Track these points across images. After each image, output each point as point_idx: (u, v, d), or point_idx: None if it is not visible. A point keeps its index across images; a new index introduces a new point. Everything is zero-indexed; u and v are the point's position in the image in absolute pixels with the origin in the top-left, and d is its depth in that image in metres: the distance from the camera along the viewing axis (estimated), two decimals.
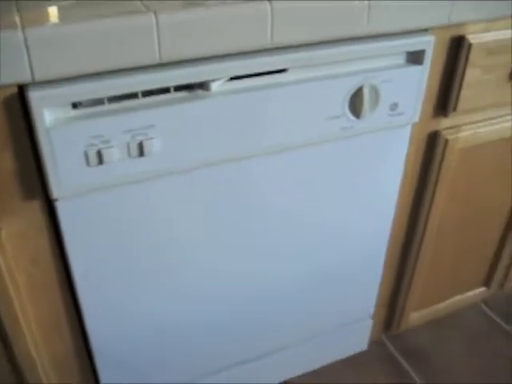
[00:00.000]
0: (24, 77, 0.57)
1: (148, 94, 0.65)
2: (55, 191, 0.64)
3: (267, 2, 0.64)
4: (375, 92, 0.77)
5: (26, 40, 0.55)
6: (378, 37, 0.75)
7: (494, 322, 1.34)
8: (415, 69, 0.79)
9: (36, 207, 0.67)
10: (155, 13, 0.59)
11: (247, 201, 0.80)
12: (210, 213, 0.78)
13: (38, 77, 0.57)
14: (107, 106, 0.63)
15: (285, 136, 0.75)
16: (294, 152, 0.79)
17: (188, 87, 0.67)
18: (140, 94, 0.64)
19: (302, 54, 0.70)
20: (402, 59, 0.79)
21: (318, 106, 0.75)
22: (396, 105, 0.81)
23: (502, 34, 0.85)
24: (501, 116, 0.96)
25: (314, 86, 0.73)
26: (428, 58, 0.79)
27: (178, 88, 0.66)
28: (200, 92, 0.67)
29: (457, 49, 0.84)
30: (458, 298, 1.24)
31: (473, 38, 0.82)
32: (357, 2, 0.69)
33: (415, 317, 1.20)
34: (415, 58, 0.79)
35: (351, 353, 1.16)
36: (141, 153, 0.66)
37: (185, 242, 0.79)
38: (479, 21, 0.82)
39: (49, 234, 0.69)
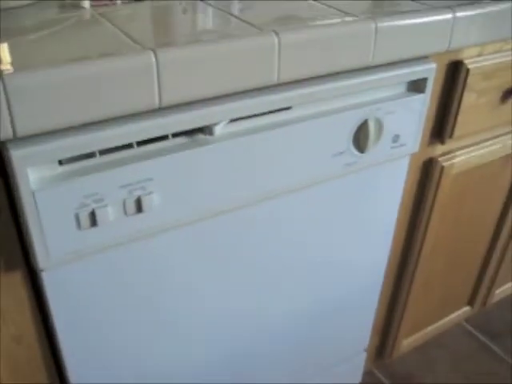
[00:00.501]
0: (4, 133, 0.47)
1: (144, 142, 0.57)
2: (42, 262, 0.54)
3: (274, 36, 0.58)
4: (379, 125, 0.73)
5: (5, 89, 0.46)
6: (381, 67, 0.70)
7: (480, 341, 1.33)
8: (417, 97, 0.75)
9: (17, 279, 0.57)
10: (154, 51, 0.52)
11: (251, 245, 0.73)
12: (214, 259, 0.71)
13: (21, 132, 0.48)
14: (98, 159, 0.55)
15: (290, 178, 0.68)
16: (297, 192, 0.73)
17: (187, 132, 0.59)
18: (135, 143, 0.56)
19: (308, 90, 0.64)
20: (403, 88, 0.75)
21: (323, 143, 0.69)
22: (398, 136, 0.76)
23: (496, 57, 0.82)
24: (491, 138, 0.94)
25: (319, 122, 0.67)
26: (430, 86, 0.76)
27: (177, 134, 0.59)
28: (201, 137, 0.60)
29: (453, 74, 0.81)
30: (444, 319, 1.22)
31: (470, 63, 0.79)
32: (363, 28, 0.64)
33: (405, 343, 1.16)
34: (417, 86, 0.75)
35: None
36: (139, 209, 0.58)
37: (187, 292, 0.71)
38: (476, 45, 0.79)
39: (32, 308, 0.60)
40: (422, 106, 0.76)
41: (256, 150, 0.63)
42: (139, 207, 0.57)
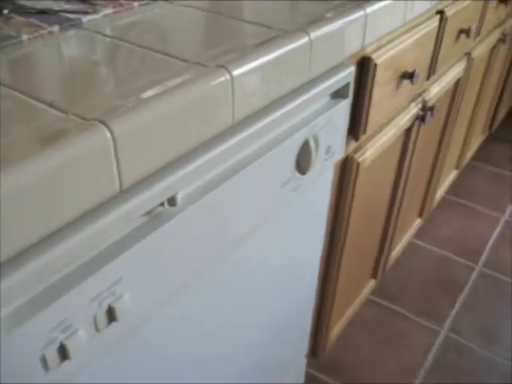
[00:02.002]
0: None
1: None
2: None
3: (225, 71, 0.49)
4: (316, 141, 0.68)
5: None
6: (310, 82, 0.65)
7: (383, 306, 1.40)
8: (343, 103, 0.71)
9: None
10: (105, 124, 0.40)
11: (225, 294, 0.64)
12: (194, 320, 0.60)
13: None
14: (57, 274, 0.41)
15: (250, 221, 0.60)
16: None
17: None
18: None
19: (259, 124, 0.56)
20: (327, 97, 0.71)
21: (274, 175, 0.62)
22: (330, 147, 0.72)
23: (391, 48, 0.82)
24: (388, 123, 0.95)
25: (270, 155, 0.59)
26: (351, 90, 0.72)
27: None
28: (161, 210, 0.49)
29: (361, 71, 0.78)
30: (358, 299, 1.25)
31: (376, 58, 0.78)
32: (301, 43, 0.57)
33: (333, 334, 1.16)
34: (339, 92, 0.71)
35: None
36: (111, 319, 0.45)
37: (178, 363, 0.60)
38: (376, 39, 0.77)
39: None
40: (346, 110, 0.73)
41: (218, 205, 0.54)
42: (112, 316, 0.45)
